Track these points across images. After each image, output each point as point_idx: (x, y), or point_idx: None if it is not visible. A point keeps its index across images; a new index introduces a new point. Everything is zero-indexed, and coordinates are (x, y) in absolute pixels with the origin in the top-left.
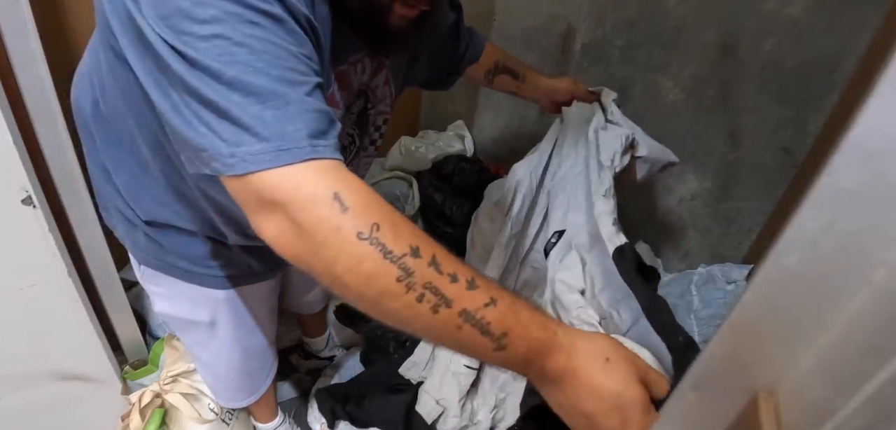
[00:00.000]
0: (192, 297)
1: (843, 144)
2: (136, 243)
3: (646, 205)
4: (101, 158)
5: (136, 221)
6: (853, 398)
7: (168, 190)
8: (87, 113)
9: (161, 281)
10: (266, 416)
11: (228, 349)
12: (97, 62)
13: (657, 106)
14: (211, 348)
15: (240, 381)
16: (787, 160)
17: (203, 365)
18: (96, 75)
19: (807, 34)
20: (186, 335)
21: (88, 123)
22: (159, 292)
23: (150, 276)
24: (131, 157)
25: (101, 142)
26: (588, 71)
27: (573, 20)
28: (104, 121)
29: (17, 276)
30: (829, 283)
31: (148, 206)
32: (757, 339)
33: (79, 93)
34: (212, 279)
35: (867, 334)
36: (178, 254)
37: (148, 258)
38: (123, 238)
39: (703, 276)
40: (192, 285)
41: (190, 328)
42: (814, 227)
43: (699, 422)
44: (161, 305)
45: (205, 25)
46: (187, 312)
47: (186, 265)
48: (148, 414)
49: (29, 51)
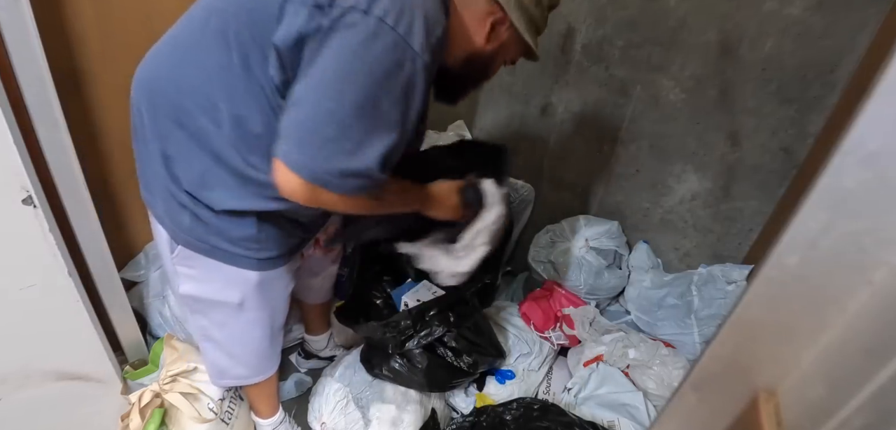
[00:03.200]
0: (225, 278)
1: (843, 144)
2: (179, 223)
3: (646, 205)
4: (164, 147)
5: (188, 203)
6: (853, 397)
7: (238, 180)
8: (165, 103)
9: (196, 262)
10: (268, 409)
11: (252, 329)
12: (190, 71)
13: (657, 106)
14: (231, 327)
15: (254, 360)
16: (788, 160)
17: (215, 345)
18: (184, 82)
19: (807, 34)
20: (205, 316)
21: (160, 116)
22: (191, 273)
23: (184, 256)
24: (205, 151)
25: (170, 133)
26: (588, 71)
27: (573, 20)
28: (185, 117)
29: (18, 276)
30: (830, 283)
31: (218, 195)
32: (757, 339)
33: (158, 90)
34: (248, 261)
35: (867, 334)
36: (222, 235)
37: (189, 239)
38: (163, 217)
39: (704, 276)
40: (229, 267)
41: (212, 309)
42: (814, 227)
43: (700, 422)
44: (188, 286)
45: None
46: (216, 293)
47: (228, 247)
48: (148, 414)
49: (29, 50)
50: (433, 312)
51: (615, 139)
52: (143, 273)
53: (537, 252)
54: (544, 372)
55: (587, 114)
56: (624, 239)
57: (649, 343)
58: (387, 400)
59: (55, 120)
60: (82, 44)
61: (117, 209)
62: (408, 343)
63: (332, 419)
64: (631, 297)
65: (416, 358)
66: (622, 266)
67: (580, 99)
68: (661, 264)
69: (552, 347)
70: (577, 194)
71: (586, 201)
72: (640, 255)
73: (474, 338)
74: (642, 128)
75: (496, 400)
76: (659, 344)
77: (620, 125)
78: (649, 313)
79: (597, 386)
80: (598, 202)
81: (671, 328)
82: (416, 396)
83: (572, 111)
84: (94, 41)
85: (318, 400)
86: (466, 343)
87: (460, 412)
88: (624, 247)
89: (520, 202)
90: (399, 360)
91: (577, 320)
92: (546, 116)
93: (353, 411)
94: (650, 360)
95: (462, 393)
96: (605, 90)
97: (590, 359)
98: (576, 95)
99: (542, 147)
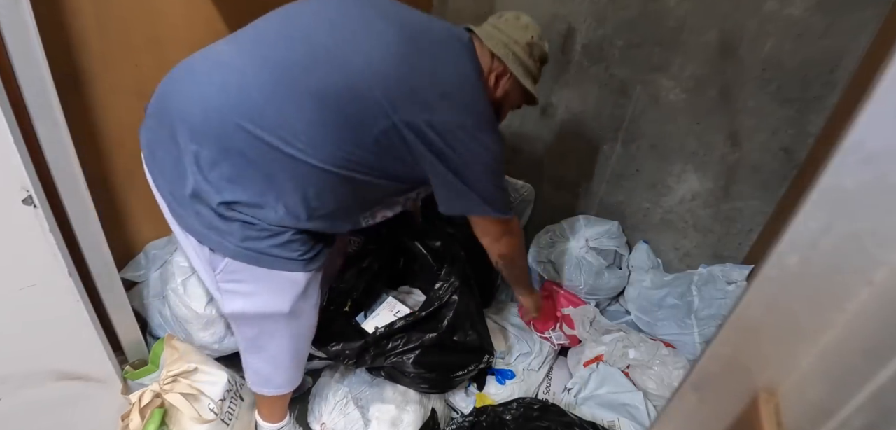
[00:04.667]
0: (274, 286)
1: (844, 144)
2: (227, 236)
3: (646, 205)
4: (225, 171)
5: (236, 216)
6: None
7: (303, 196)
8: (235, 138)
9: (243, 275)
10: (280, 415)
11: (298, 338)
12: (256, 96)
13: (657, 106)
14: (281, 336)
15: (296, 368)
16: (788, 160)
17: (264, 355)
18: (250, 104)
19: (807, 34)
20: (255, 329)
21: (227, 145)
22: (239, 289)
23: (231, 271)
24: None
25: (245, 156)
26: (588, 71)
27: (573, 20)
28: (260, 141)
29: (18, 276)
30: (830, 283)
31: (271, 213)
32: (757, 339)
33: (228, 113)
34: (296, 263)
35: (867, 334)
36: (274, 239)
37: (239, 250)
38: (208, 235)
39: (704, 276)
40: (279, 272)
41: (262, 322)
42: (814, 227)
43: (700, 422)
44: (235, 303)
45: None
46: (266, 305)
47: (278, 252)
48: (148, 414)
49: (30, 50)
50: (394, 336)
51: (615, 139)
52: (143, 273)
53: (537, 252)
54: (544, 372)
55: (587, 114)
56: (624, 239)
57: (649, 343)
58: (387, 400)
59: (55, 120)
60: (82, 44)
61: (117, 209)
62: (367, 365)
63: (332, 419)
64: (631, 297)
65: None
66: (622, 266)
67: (580, 99)
68: (661, 264)
69: (552, 347)
70: (577, 194)
71: (586, 201)
72: (640, 255)
73: (441, 357)
74: (642, 128)
75: (496, 400)
76: (659, 344)
77: (620, 125)
78: (649, 313)
79: (597, 386)
80: (598, 202)
81: (671, 328)
82: (416, 396)
83: (572, 111)
84: (94, 41)
85: (318, 400)
86: (433, 359)
87: (460, 411)
88: (624, 247)
89: (520, 202)
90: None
91: (577, 320)
92: (546, 116)
93: (352, 411)
94: (650, 360)
95: (462, 393)
96: (606, 90)
97: (590, 359)
98: (576, 95)
99: (542, 147)
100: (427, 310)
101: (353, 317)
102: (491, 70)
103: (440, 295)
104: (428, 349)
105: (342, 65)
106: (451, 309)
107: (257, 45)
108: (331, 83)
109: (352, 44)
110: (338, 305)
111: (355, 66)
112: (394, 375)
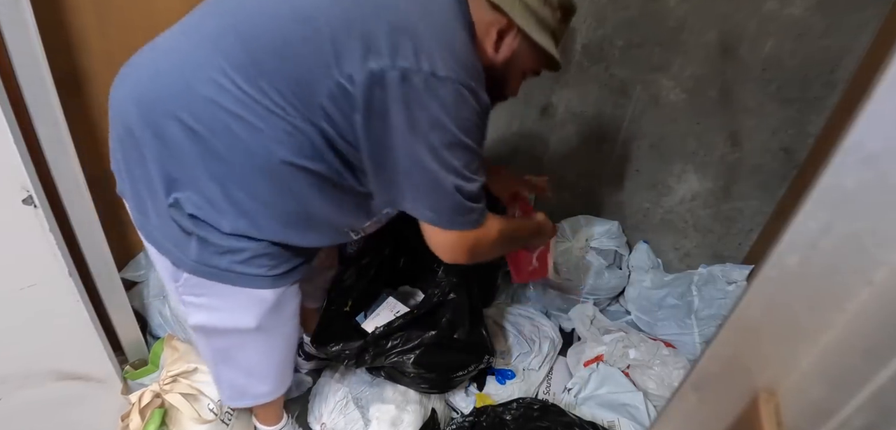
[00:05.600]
0: (237, 303)
1: (844, 144)
2: (185, 251)
3: (646, 205)
4: (173, 167)
5: (192, 229)
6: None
7: (255, 202)
8: (167, 126)
9: (204, 289)
10: (275, 418)
11: (272, 350)
12: (200, 87)
13: (658, 106)
14: (250, 350)
15: (276, 377)
16: (788, 160)
17: (234, 366)
18: (190, 97)
19: (807, 34)
20: (224, 341)
21: (164, 134)
22: (200, 302)
23: (191, 285)
24: (227, 172)
25: (181, 155)
26: (588, 71)
27: (573, 20)
28: (195, 136)
29: (18, 276)
30: (830, 283)
31: (230, 217)
32: (757, 339)
33: (158, 105)
34: (262, 280)
35: (867, 334)
36: (234, 256)
37: (198, 266)
38: (163, 243)
39: (704, 276)
40: (242, 289)
41: (229, 335)
42: (814, 227)
43: (700, 422)
44: (199, 316)
45: None
46: (229, 320)
47: (240, 268)
48: (148, 414)
49: (30, 50)
50: (393, 335)
51: (615, 139)
52: (143, 273)
53: None
54: (544, 372)
55: (587, 114)
56: (624, 239)
57: (649, 343)
58: (387, 400)
59: (55, 120)
60: (82, 44)
61: (117, 209)
62: (367, 365)
63: (332, 419)
64: (631, 297)
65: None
66: (622, 266)
67: (580, 99)
68: (661, 264)
69: (553, 346)
70: (577, 194)
71: (586, 201)
72: (640, 255)
73: (440, 357)
74: (642, 128)
75: (496, 400)
76: (659, 344)
77: (620, 125)
78: (649, 313)
79: (597, 386)
80: (598, 202)
81: (671, 328)
82: (416, 396)
83: (572, 111)
84: (94, 41)
85: (318, 400)
86: (433, 359)
87: (460, 411)
88: (624, 247)
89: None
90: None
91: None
92: (546, 116)
93: (352, 411)
94: (650, 360)
95: (462, 393)
96: (606, 90)
97: (590, 359)
98: (576, 95)
99: (542, 147)
100: (425, 308)
101: (353, 317)
102: (489, 25)
103: (438, 293)
104: (428, 349)
105: (273, 15)
106: (449, 307)
107: (197, 22)
108: (263, 44)
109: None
110: (338, 305)
111: (290, 10)
112: (394, 375)
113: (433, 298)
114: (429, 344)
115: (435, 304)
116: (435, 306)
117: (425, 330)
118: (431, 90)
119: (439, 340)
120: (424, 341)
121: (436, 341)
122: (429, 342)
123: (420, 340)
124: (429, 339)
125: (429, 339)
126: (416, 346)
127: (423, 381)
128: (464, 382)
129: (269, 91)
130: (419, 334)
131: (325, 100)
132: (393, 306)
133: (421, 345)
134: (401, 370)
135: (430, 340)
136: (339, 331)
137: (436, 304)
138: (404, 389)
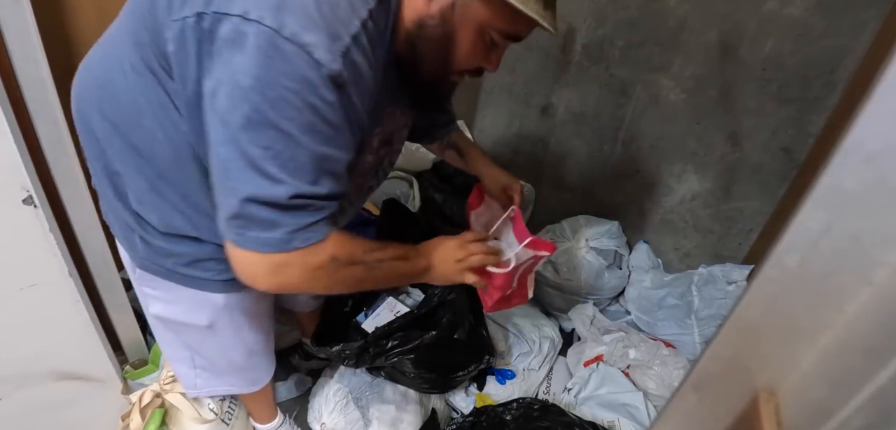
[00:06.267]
0: (190, 300)
1: (844, 144)
2: (133, 247)
3: (646, 205)
4: (109, 161)
5: (135, 226)
6: (853, 397)
7: (185, 199)
8: (94, 120)
9: (158, 284)
10: (265, 416)
11: (228, 350)
12: (117, 77)
13: (658, 106)
14: (211, 346)
15: (238, 374)
16: (788, 160)
17: (201, 360)
18: (111, 89)
19: (807, 34)
20: (182, 336)
21: (94, 129)
22: (155, 294)
23: (147, 280)
24: (149, 166)
25: (111, 149)
26: (588, 71)
27: (573, 20)
28: (116, 130)
29: (18, 276)
30: (830, 283)
31: (162, 213)
32: (757, 339)
33: (85, 98)
34: (211, 283)
35: (867, 335)
36: (177, 259)
37: (145, 263)
38: (121, 241)
39: (704, 276)
40: (191, 290)
41: (186, 330)
42: (814, 227)
43: (700, 422)
44: (156, 307)
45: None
46: (184, 314)
47: (184, 269)
48: (148, 414)
49: (30, 50)
50: (393, 335)
51: (615, 139)
52: None
53: None
54: (544, 372)
55: (587, 114)
56: (624, 239)
57: (649, 343)
58: (387, 400)
59: (55, 119)
60: (82, 44)
61: None
62: (367, 365)
63: (332, 419)
64: (631, 297)
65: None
66: (622, 266)
67: (580, 99)
68: (661, 264)
69: (553, 346)
70: (577, 194)
71: (586, 201)
72: (640, 255)
73: (440, 357)
74: (642, 128)
75: (496, 400)
76: (659, 344)
77: (620, 125)
78: (649, 313)
79: (597, 386)
80: (598, 202)
81: (671, 328)
82: (416, 396)
83: (572, 111)
84: (95, 41)
85: (318, 400)
86: (433, 359)
87: (460, 411)
88: (624, 247)
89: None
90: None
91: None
92: (546, 116)
93: (353, 411)
94: (650, 360)
95: (462, 393)
96: (606, 90)
97: (590, 359)
98: (576, 95)
99: (542, 147)
100: (425, 308)
101: (353, 317)
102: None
103: (438, 293)
104: (428, 349)
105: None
106: (449, 308)
107: (131, 7)
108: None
109: None
110: (338, 305)
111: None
112: (394, 375)
113: (433, 298)
114: (429, 344)
115: (435, 304)
116: (435, 306)
117: (425, 330)
118: (235, 40)
119: (439, 340)
120: (424, 341)
121: (436, 342)
122: (429, 342)
123: (420, 340)
124: (429, 339)
125: (429, 339)
126: (416, 346)
127: (423, 381)
128: (464, 382)
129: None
130: (419, 335)
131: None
132: (393, 307)
133: (421, 345)
134: (401, 370)
135: (430, 340)
136: (339, 331)
137: (436, 304)
138: (404, 389)
